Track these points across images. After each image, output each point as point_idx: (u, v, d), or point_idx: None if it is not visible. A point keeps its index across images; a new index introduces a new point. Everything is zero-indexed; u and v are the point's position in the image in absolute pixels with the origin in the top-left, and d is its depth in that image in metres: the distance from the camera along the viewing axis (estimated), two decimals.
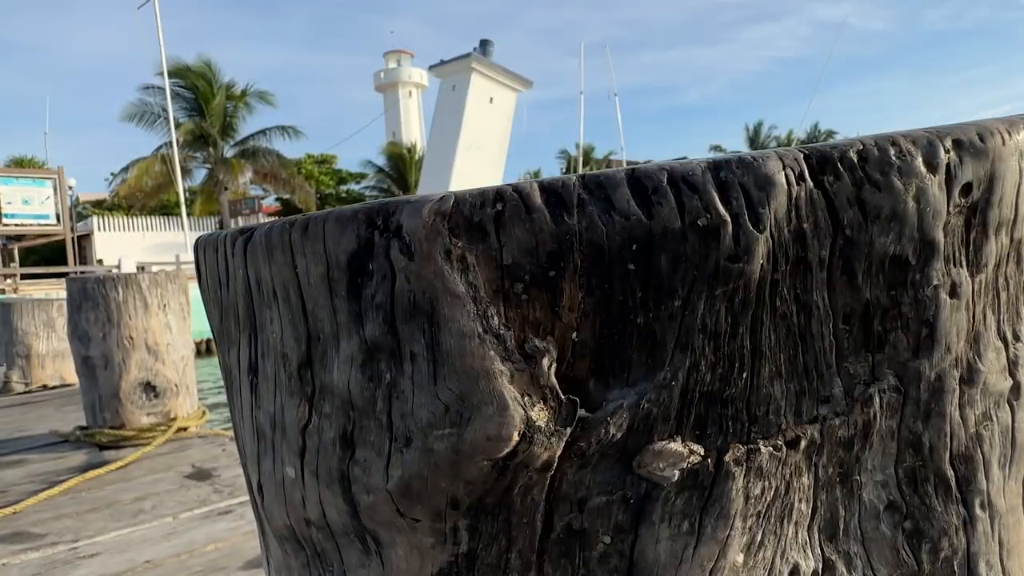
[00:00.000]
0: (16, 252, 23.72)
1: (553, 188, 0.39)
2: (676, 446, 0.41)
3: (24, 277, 17.73)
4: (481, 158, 23.76)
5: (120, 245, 26.63)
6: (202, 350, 15.40)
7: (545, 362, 0.40)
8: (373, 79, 48.30)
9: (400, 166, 34.31)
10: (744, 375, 0.42)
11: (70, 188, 24.22)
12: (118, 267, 16.18)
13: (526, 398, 0.40)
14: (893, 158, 0.40)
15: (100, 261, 24.41)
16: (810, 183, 0.39)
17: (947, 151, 0.41)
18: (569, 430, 0.41)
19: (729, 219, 0.39)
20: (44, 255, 27.43)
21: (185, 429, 3.46)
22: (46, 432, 3.76)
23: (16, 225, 20.33)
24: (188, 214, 25.13)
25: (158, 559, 2.10)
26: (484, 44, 25.28)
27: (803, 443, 0.43)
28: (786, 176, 0.39)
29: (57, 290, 15.42)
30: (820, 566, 0.45)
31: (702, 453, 0.42)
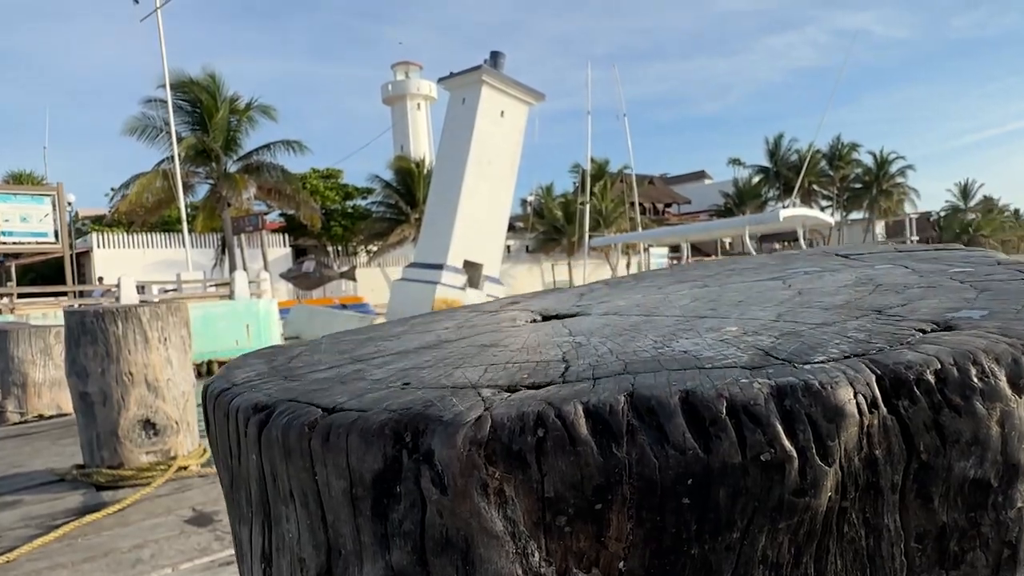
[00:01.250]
0: (13, 270, 23.63)
1: (600, 414, 0.36)
2: None
3: (21, 296, 17.62)
4: (492, 173, 23.07)
5: (120, 262, 26.46)
6: (203, 371, 15.18)
7: None
8: (381, 91, 47.70)
9: (408, 181, 33.82)
10: None
11: (69, 204, 24.20)
12: (117, 286, 16.08)
13: None
14: (975, 380, 0.36)
15: (100, 279, 24.30)
16: (883, 409, 0.36)
17: None
18: None
19: (795, 454, 0.35)
20: (42, 273, 27.28)
21: (186, 468, 3.40)
22: (42, 470, 3.70)
23: (14, 243, 20.29)
24: (190, 231, 25.07)
25: None
26: (495, 56, 24.53)
27: None
28: (857, 404, 0.35)
29: (55, 309, 15.34)
30: None
31: None
